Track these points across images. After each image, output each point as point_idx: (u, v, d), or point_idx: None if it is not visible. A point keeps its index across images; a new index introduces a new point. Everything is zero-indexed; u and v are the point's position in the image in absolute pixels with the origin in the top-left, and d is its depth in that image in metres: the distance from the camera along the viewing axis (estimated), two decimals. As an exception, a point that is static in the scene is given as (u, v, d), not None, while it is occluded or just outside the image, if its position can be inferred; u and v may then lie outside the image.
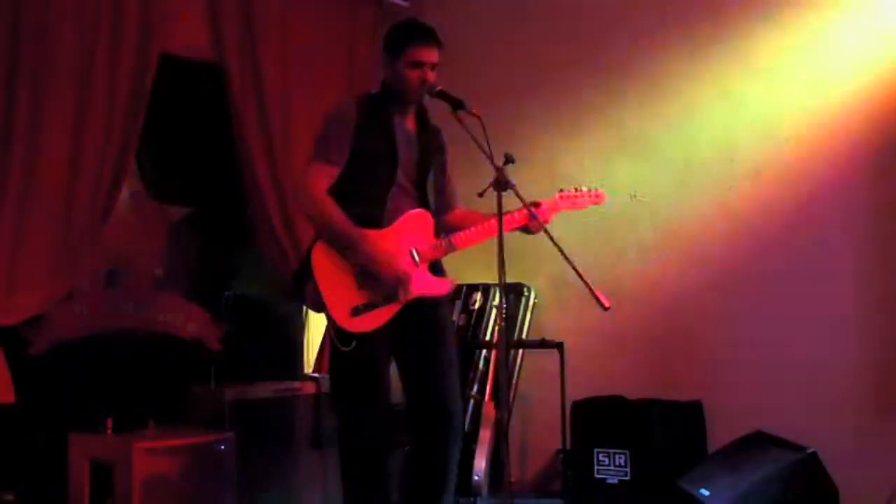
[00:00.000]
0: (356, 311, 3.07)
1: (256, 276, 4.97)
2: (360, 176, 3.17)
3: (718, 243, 4.41)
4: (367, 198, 3.16)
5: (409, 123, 3.29)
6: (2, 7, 3.63)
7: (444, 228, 3.35)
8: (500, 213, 2.89)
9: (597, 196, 3.46)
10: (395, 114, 3.24)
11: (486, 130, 2.91)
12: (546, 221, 3.26)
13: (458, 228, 3.28)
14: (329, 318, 3.11)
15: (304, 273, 3.14)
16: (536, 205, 3.25)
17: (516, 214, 3.18)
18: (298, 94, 4.69)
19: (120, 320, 4.16)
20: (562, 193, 3.40)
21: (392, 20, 3.42)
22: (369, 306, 3.08)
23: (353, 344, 3.06)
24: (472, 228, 3.22)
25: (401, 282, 3.09)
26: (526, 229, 3.26)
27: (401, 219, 3.18)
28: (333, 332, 3.10)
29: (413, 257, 3.16)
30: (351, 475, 3.18)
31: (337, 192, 3.15)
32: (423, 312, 3.19)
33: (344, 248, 3.09)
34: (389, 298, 3.10)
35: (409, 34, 3.19)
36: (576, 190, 3.42)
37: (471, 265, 3.39)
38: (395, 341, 3.16)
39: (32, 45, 3.70)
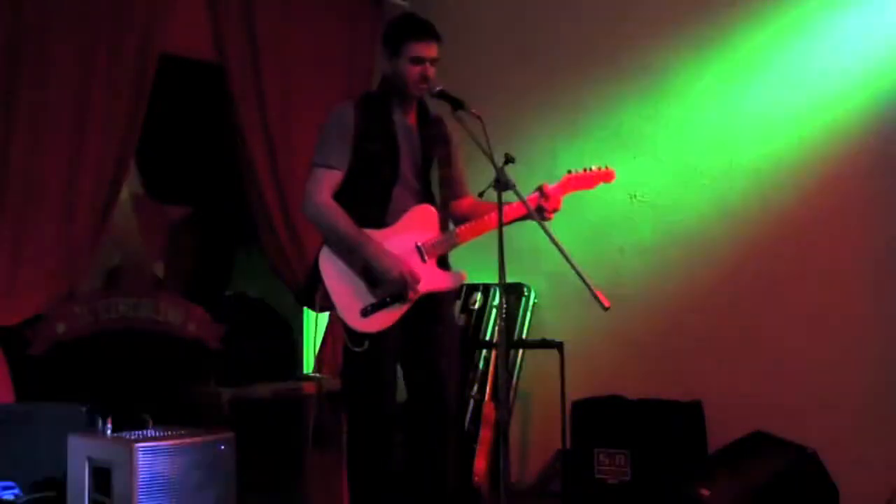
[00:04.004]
0: (365, 312, 3.08)
1: (256, 276, 4.97)
2: (363, 177, 3.18)
3: (718, 243, 4.41)
4: (371, 198, 3.18)
5: (410, 119, 3.29)
6: (2, 6, 3.63)
7: (454, 219, 3.35)
8: (500, 214, 2.89)
9: (607, 174, 3.42)
10: (394, 111, 3.25)
11: (486, 130, 2.91)
12: (556, 207, 3.24)
13: (467, 218, 3.28)
14: (340, 319, 3.12)
15: (314, 277, 3.16)
16: (542, 190, 3.24)
17: (516, 204, 3.11)
18: (299, 94, 4.69)
19: (120, 320, 4.16)
20: (570, 174, 3.37)
21: (392, 20, 3.42)
22: (378, 306, 3.10)
23: (366, 344, 3.07)
24: (475, 222, 3.22)
25: (407, 282, 3.09)
26: (540, 213, 3.21)
27: (406, 215, 3.19)
28: (345, 334, 3.11)
29: (420, 253, 3.17)
30: (361, 473, 3.19)
31: (342, 195, 3.16)
32: (431, 310, 3.20)
33: (349, 252, 3.10)
34: (398, 298, 3.12)
35: (408, 30, 3.20)
36: (585, 170, 3.39)
37: (471, 265, 3.38)
38: (403, 339, 3.17)
39: (33, 44, 3.71)
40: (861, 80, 4.05)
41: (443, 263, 3.28)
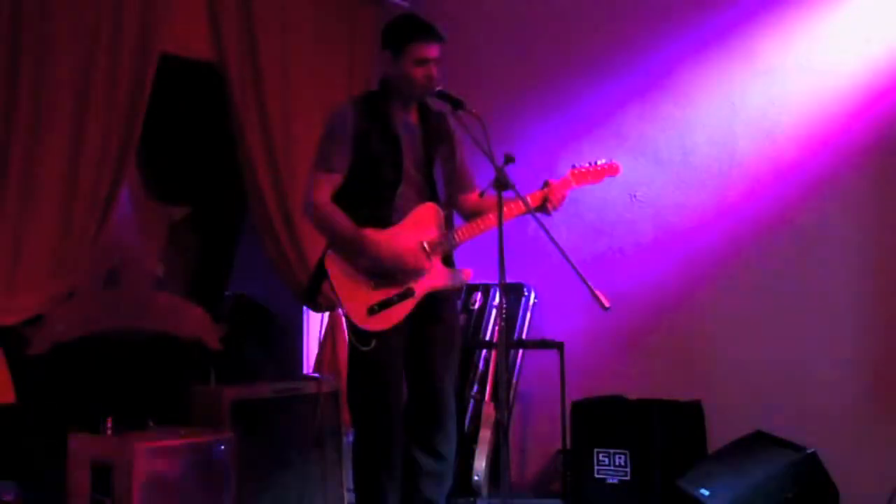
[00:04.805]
0: (372, 311, 3.08)
1: (256, 276, 4.96)
2: (366, 177, 3.17)
3: (718, 243, 4.41)
4: (375, 198, 3.17)
5: (412, 117, 3.28)
6: (2, 6, 3.63)
7: (463, 213, 3.35)
8: (500, 214, 2.89)
9: (612, 167, 3.41)
10: (395, 109, 3.24)
11: (486, 130, 2.91)
12: (560, 203, 3.23)
13: (476, 213, 3.27)
14: (347, 319, 3.12)
15: (319, 277, 3.16)
16: (546, 184, 3.24)
17: (524, 199, 3.10)
18: (299, 94, 4.69)
19: (120, 320, 4.16)
20: (574, 170, 3.36)
21: (391, 20, 3.41)
22: (385, 304, 3.10)
23: (373, 343, 3.07)
24: (474, 222, 3.22)
25: (413, 271, 3.09)
26: (543, 207, 3.21)
27: (410, 214, 3.19)
28: (352, 333, 3.11)
29: (425, 251, 3.17)
30: (367, 472, 3.18)
31: (345, 196, 3.16)
32: (435, 309, 3.20)
33: (352, 252, 3.10)
34: (404, 296, 3.12)
35: (410, 31, 3.18)
36: (590, 164, 3.38)
37: (471, 265, 3.39)
38: (409, 337, 3.17)
39: (32, 44, 3.70)
40: (861, 80, 4.05)
41: (448, 261, 3.28)
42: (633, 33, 4.70)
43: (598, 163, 3.39)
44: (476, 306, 4.95)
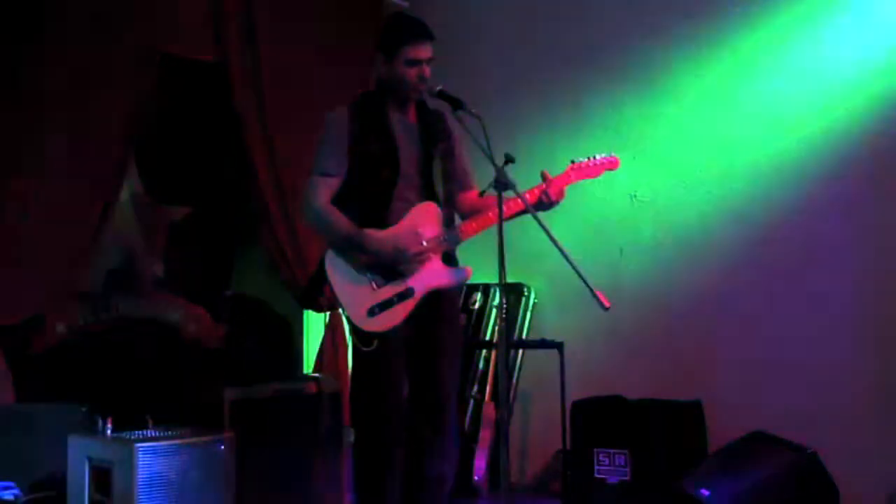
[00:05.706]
0: (372, 312, 3.08)
1: (256, 276, 4.97)
2: (364, 179, 3.17)
3: (718, 243, 4.41)
4: (372, 199, 3.17)
5: (409, 116, 3.28)
6: (2, 6, 3.64)
7: (461, 213, 3.34)
8: (500, 214, 2.88)
9: (611, 161, 3.40)
10: (392, 110, 3.24)
11: (486, 130, 2.90)
12: (559, 198, 3.23)
13: (475, 211, 3.25)
14: (348, 320, 3.13)
15: (320, 279, 3.16)
16: (545, 178, 3.23)
17: (523, 197, 3.05)
18: (299, 94, 4.69)
19: (120, 320, 4.16)
20: (573, 164, 3.34)
21: (391, 20, 3.41)
22: (385, 305, 3.10)
23: (375, 343, 3.07)
24: (478, 217, 3.21)
25: (416, 258, 3.09)
26: (541, 203, 3.21)
27: (408, 214, 3.19)
28: (354, 335, 3.11)
29: (423, 247, 3.17)
30: (368, 473, 3.18)
31: (345, 197, 3.16)
32: (435, 308, 3.19)
33: (352, 251, 3.10)
34: (404, 296, 3.12)
35: (401, 32, 3.18)
36: (588, 159, 3.38)
37: (471, 265, 3.38)
38: (413, 337, 3.17)
39: (33, 44, 3.71)
40: (861, 80, 4.05)
41: (448, 260, 3.27)
42: (633, 33, 4.70)
43: (598, 157, 3.38)
44: (476, 306, 4.95)
